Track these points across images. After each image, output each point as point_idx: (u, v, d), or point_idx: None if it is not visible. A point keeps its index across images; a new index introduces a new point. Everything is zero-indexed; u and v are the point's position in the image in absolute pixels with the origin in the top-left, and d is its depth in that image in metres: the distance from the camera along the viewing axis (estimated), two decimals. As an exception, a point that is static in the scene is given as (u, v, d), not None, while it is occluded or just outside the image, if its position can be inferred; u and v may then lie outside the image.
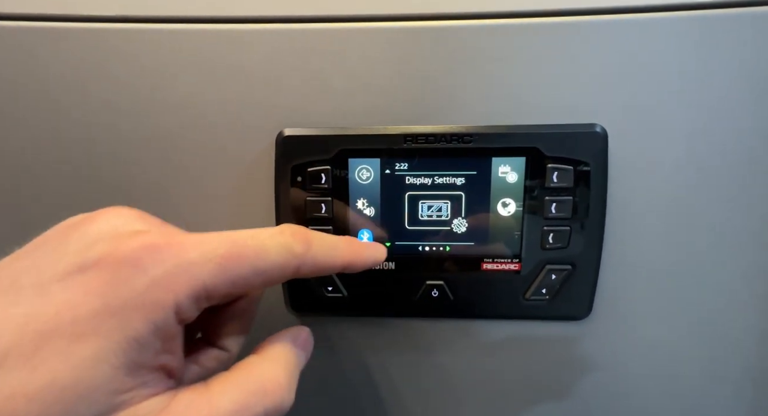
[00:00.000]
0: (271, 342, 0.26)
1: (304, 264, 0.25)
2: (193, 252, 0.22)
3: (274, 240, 0.24)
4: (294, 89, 0.32)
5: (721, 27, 0.30)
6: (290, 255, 0.24)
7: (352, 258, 0.27)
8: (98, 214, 0.24)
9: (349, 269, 0.27)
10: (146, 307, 0.21)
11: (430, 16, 0.31)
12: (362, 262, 0.28)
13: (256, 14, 0.31)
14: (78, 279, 0.21)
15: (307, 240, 0.25)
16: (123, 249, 0.21)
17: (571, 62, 0.31)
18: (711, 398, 0.36)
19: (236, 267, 0.22)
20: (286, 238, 0.24)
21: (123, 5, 0.31)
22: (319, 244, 0.25)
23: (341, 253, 0.26)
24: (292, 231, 0.25)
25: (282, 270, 0.24)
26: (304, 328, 0.28)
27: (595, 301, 0.34)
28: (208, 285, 0.22)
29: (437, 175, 0.32)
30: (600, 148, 0.31)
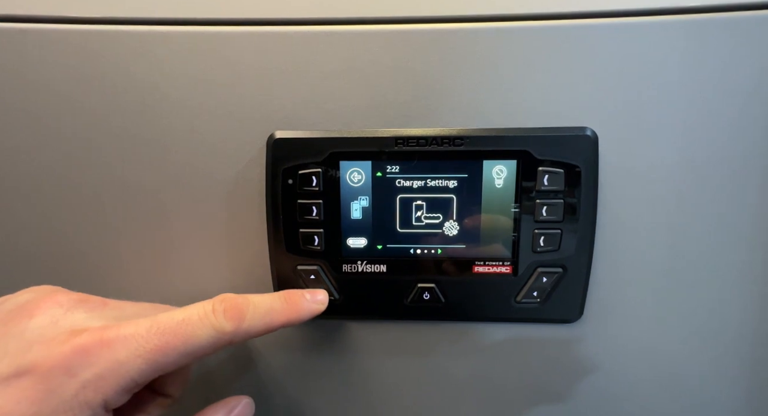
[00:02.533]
0: (206, 413, 0.29)
1: (236, 338, 0.27)
2: (123, 352, 0.24)
3: (203, 324, 0.26)
4: (285, 92, 0.32)
5: (711, 31, 0.30)
6: (220, 334, 0.26)
7: (289, 318, 0.29)
8: (39, 304, 0.26)
9: (288, 326, 0.29)
10: (75, 409, 0.23)
11: (422, 20, 0.31)
12: (300, 318, 0.30)
13: (247, 16, 0.31)
14: (13, 384, 0.23)
15: (240, 315, 0.27)
16: (56, 356, 0.23)
17: (561, 66, 0.31)
18: (704, 400, 0.36)
19: (164, 358, 0.25)
20: (217, 319, 0.26)
21: (114, 7, 0.31)
22: (252, 317, 0.27)
23: (277, 317, 0.28)
24: (224, 308, 0.26)
25: (212, 348, 0.26)
26: (243, 398, 0.31)
27: (586, 304, 0.34)
28: (136, 378, 0.24)
29: (429, 177, 0.32)
30: (590, 151, 0.31)
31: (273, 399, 0.38)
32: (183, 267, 0.35)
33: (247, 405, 0.30)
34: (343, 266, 0.34)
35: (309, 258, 0.34)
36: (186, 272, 0.35)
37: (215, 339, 0.26)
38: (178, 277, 0.35)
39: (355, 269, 0.34)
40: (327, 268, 0.34)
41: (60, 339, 0.24)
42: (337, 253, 0.33)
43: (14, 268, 0.35)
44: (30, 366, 0.23)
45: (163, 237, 0.35)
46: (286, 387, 0.38)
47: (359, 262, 0.34)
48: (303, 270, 0.34)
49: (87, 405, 0.23)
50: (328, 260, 0.34)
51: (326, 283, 0.34)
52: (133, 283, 0.35)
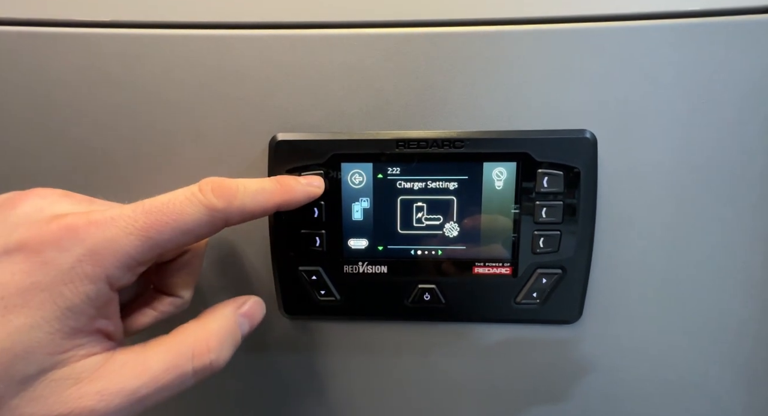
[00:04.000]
0: (213, 308, 0.28)
1: (231, 215, 0.26)
2: (112, 229, 0.23)
3: (191, 202, 0.25)
4: (287, 94, 0.32)
5: (708, 35, 0.30)
6: (212, 211, 0.25)
7: (283, 198, 0.28)
8: (23, 196, 0.25)
9: (284, 208, 0.29)
10: (76, 281, 0.23)
11: (423, 23, 0.31)
12: (295, 200, 0.29)
13: (250, 20, 0.32)
14: (4, 260, 0.22)
15: (229, 193, 0.26)
16: (43, 233, 0.23)
17: (561, 69, 0.31)
18: (703, 400, 0.36)
19: (158, 235, 0.24)
20: (206, 196, 0.25)
21: (119, 11, 0.32)
22: (243, 195, 0.26)
23: (270, 196, 0.28)
24: (212, 187, 0.26)
25: (209, 226, 0.25)
26: (253, 298, 0.30)
27: (585, 305, 0.34)
28: (134, 255, 0.24)
29: (429, 179, 0.32)
30: (590, 153, 0.31)
31: (274, 399, 0.38)
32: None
33: (257, 303, 0.30)
34: (345, 267, 0.34)
35: (310, 259, 0.34)
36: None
37: (208, 216, 0.25)
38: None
39: (356, 270, 0.34)
40: (328, 269, 0.34)
41: (46, 220, 0.23)
42: (339, 254, 0.34)
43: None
44: (18, 243, 0.23)
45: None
46: (288, 387, 0.38)
47: (360, 263, 0.34)
48: (305, 270, 0.34)
49: (88, 278, 0.23)
50: (330, 261, 0.34)
51: (327, 285, 0.34)
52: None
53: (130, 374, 0.24)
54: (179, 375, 0.24)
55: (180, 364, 0.24)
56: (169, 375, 0.24)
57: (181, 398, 0.38)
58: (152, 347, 0.25)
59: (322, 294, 0.34)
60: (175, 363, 0.24)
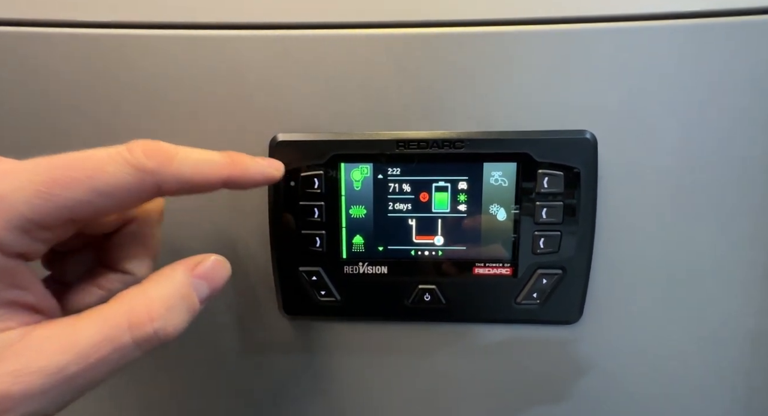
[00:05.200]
0: (161, 270, 0.25)
1: (164, 181, 0.23)
2: (4, 184, 0.20)
3: (114, 159, 0.22)
4: (288, 95, 0.32)
5: (708, 35, 0.30)
6: (139, 172, 0.22)
7: (231, 173, 0.25)
8: None
9: (231, 185, 0.25)
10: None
11: (423, 23, 0.31)
12: (247, 178, 0.26)
13: (250, 21, 0.32)
14: None
15: (164, 155, 0.23)
16: None
17: (561, 70, 0.31)
18: (704, 401, 0.36)
19: (65, 192, 0.21)
20: (133, 155, 0.22)
21: (119, 11, 0.32)
22: (183, 159, 0.23)
23: (216, 168, 0.24)
24: (144, 148, 0.23)
25: (136, 190, 0.22)
26: (212, 256, 0.26)
27: (585, 305, 0.34)
28: (29, 215, 0.20)
29: (429, 180, 0.32)
30: (590, 153, 0.31)
31: (274, 399, 0.38)
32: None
33: (216, 262, 0.25)
34: (345, 267, 0.34)
35: (311, 260, 0.34)
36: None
37: (134, 178, 0.22)
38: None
39: (357, 270, 0.34)
40: (328, 270, 0.34)
41: None
42: (339, 255, 0.34)
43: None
44: None
45: (165, 238, 0.35)
46: (288, 388, 0.38)
47: (360, 264, 0.34)
48: (305, 271, 0.34)
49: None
50: (330, 261, 0.34)
51: (328, 285, 0.34)
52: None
53: (53, 350, 0.20)
54: (116, 349, 0.21)
55: (114, 336, 0.21)
56: (102, 349, 0.21)
57: (180, 398, 0.39)
58: (83, 318, 0.22)
59: (322, 295, 0.34)
60: (109, 334, 0.21)
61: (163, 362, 0.37)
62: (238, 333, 0.37)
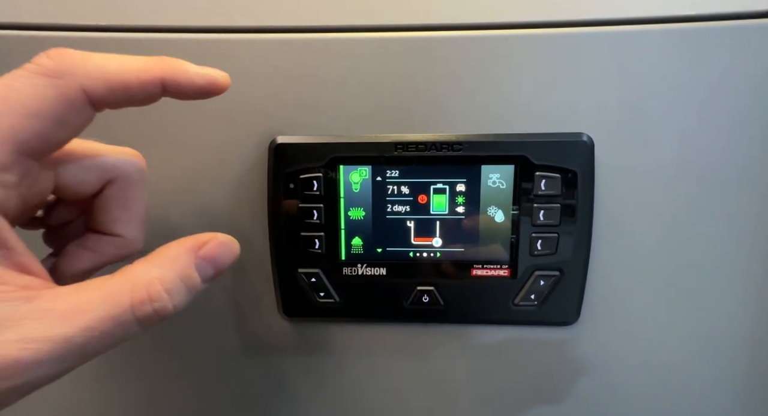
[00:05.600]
0: (165, 247, 0.24)
1: (87, 84, 0.21)
2: None
3: (19, 75, 0.21)
4: (287, 98, 0.32)
5: (705, 39, 0.30)
6: (50, 78, 0.21)
7: (166, 70, 0.23)
8: None
9: (171, 88, 0.23)
10: None
11: (422, 27, 0.31)
12: (186, 78, 0.23)
13: (250, 24, 0.32)
14: None
15: (74, 56, 0.21)
16: None
17: (558, 73, 0.31)
18: (702, 402, 0.36)
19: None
20: (35, 62, 0.21)
21: (120, 16, 0.32)
22: (103, 57, 0.22)
23: (147, 65, 0.23)
24: (48, 53, 0.21)
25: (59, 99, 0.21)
26: (218, 236, 0.25)
27: (583, 306, 0.34)
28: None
29: (427, 182, 0.33)
30: (587, 156, 0.32)
31: (273, 400, 0.38)
32: (185, 270, 0.35)
33: (222, 244, 0.25)
34: (344, 269, 0.34)
35: (310, 262, 0.34)
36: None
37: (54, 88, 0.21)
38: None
39: (355, 272, 0.34)
40: (327, 271, 0.34)
41: None
42: (338, 256, 0.34)
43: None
44: None
45: (165, 240, 0.35)
46: (287, 389, 0.38)
47: (359, 265, 0.34)
48: (304, 272, 0.34)
49: None
50: (329, 263, 0.34)
51: (327, 287, 0.34)
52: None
53: (59, 321, 0.20)
54: (118, 325, 0.21)
55: (118, 314, 0.21)
56: (105, 324, 0.21)
57: (180, 399, 0.39)
58: (86, 290, 0.21)
59: (321, 296, 0.35)
60: (112, 312, 0.21)
61: (163, 362, 0.38)
62: (237, 334, 0.37)
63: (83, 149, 0.26)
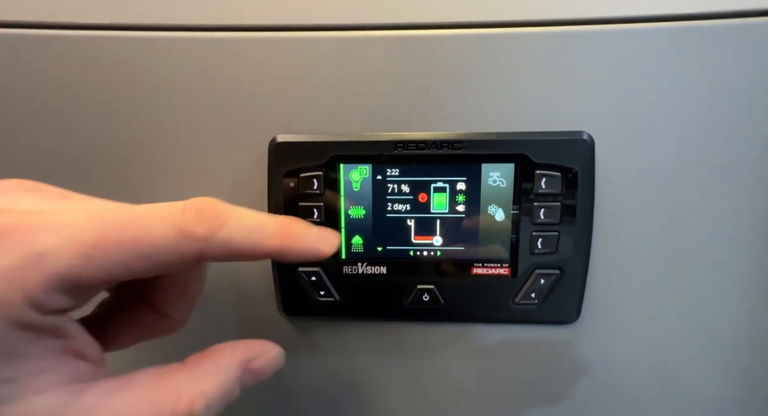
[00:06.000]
0: (215, 353, 0.24)
1: (210, 248, 0.21)
2: (48, 241, 0.19)
3: (164, 222, 0.20)
4: (287, 96, 0.32)
5: (706, 38, 0.30)
6: (187, 239, 0.20)
7: (284, 244, 0.22)
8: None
9: (282, 257, 0.23)
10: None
11: (422, 26, 0.31)
12: (299, 252, 0.23)
13: (250, 23, 0.32)
14: None
15: (216, 220, 0.21)
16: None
17: (559, 71, 0.31)
18: (701, 401, 0.36)
19: (107, 255, 0.19)
20: (184, 218, 0.21)
21: (119, 13, 0.32)
22: (234, 226, 0.21)
23: (269, 238, 0.22)
24: (197, 209, 0.21)
25: (178, 255, 0.21)
26: (271, 351, 0.25)
27: (583, 305, 0.34)
28: (68, 276, 0.19)
29: (428, 180, 0.33)
30: (587, 155, 0.32)
31: (273, 399, 0.38)
32: (186, 268, 0.36)
33: (273, 359, 0.25)
34: (344, 268, 0.34)
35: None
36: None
37: (178, 243, 0.20)
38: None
39: (356, 271, 0.34)
40: (328, 270, 0.34)
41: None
42: (338, 255, 0.34)
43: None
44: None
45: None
46: (287, 388, 0.38)
47: (359, 264, 0.34)
48: (304, 271, 0.34)
49: (5, 301, 0.18)
50: (329, 262, 0.34)
51: (327, 285, 0.34)
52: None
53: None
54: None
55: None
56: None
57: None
58: (132, 393, 0.21)
59: (321, 295, 0.35)
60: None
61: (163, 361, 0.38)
62: (237, 333, 0.37)
63: None
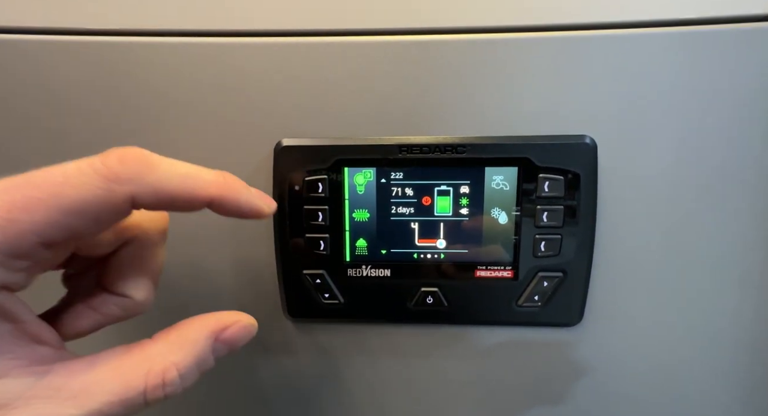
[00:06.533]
0: (186, 326, 0.23)
1: (140, 192, 0.20)
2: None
3: (84, 171, 0.20)
4: (292, 101, 0.33)
5: (706, 42, 0.31)
6: (111, 182, 0.20)
7: (222, 193, 0.22)
8: None
9: (216, 207, 0.23)
10: None
11: (426, 31, 0.32)
12: (237, 204, 0.23)
13: (255, 28, 0.32)
14: None
15: (145, 163, 0.20)
16: None
17: (561, 76, 0.32)
18: (704, 403, 0.36)
19: (26, 216, 0.19)
20: (106, 164, 0.20)
21: (122, 19, 0.32)
22: (169, 170, 0.21)
23: (205, 184, 0.22)
24: (120, 154, 0.20)
25: (109, 205, 0.20)
26: (241, 321, 0.24)
27: (586, 308, 0.35)
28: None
29: (431, 184, 0.33)
30: (590, 158, 0.32)
31: (277, 401, 0.38)
32: (190, 271, 0.36)
33: (244, 329, 0.24)
34: (348, 270, 0.34)
35: (314, 263, 0.34)
36: (192, 276, 0.36)
37: (104, 190, 0.19)
38: (185, 280, 0.36)
39: (360, 273, 0.34)
40: (332, 273, 0.34)
41: None
42: (342, 258, 0.34)
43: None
44: None
45: (170, 241, 0.35)
46: (291, 390, 0.38)
47: (364, 267, 0.34)
48: (309, 274, 0.34)
49: None
50: (334, 264, 0.34)
51: (331, 288, 0.35)
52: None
53: (68, 402, 0.20)
54: (128, 407, 0.21)
55: (129, 397, 0.21)
56: (115, 407, 0.20)
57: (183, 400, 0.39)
58: (100, 368, 0.21)
59: (326, 298, 0.35)
60: (124, 396, 0.21)
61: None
62: (242, 335, 0.37)
63: None
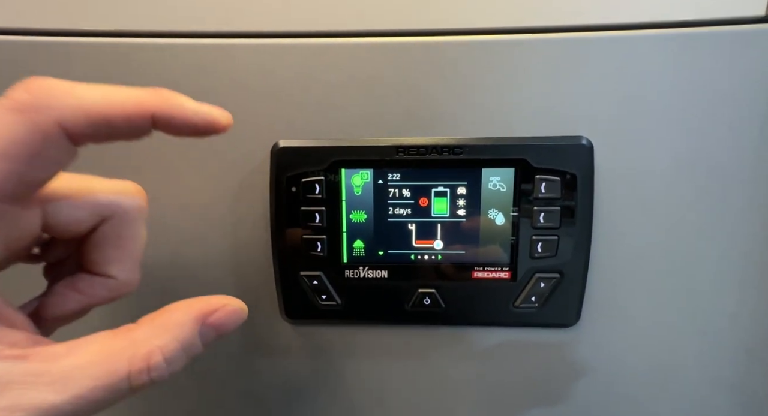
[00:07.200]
0: (171, 309, 0.23)
1: (66, 117, 0.19)
2: None
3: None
4: (289, 102, 0.33)
5: (702, 44, 0.31)
6: (25, 113, 0.19)
7: (160, 105, 0.21)
8: None
9: (162, 123, 0.21)
10: None
11: (422, 32, 0.32)
12: (180, 114, 0.21)
13: (253, 30, 0.32)
14: None
15: (56, 87, 0.19)
16: None
17: (558, 77, 0.32)
18: (702, 404, 0.36)
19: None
20: (13, 95, 0.19)
21: (122, 20, 0.32)
22: (87, 89, 0.20)
23: (138, 99, 0.21)
24: (25, 85, 0.19)
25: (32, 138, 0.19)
26: (229, 306, 0.23)
27: (583, 308, 0.35)
28: None
29: (428, 185, 0.33)
30: (586, 159, 0.32)
31: (275, 403, 0.38)
32: (188, 272, 0.36)
33: (232, 312, 0.23)
34: (345, 272, 0.34)
35: (312, 264, 0.34)
36: (190, 277, 0.36)
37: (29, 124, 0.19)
38: (181, 281, 0.36)
39: (357, 275, 0.34)
40: (329, 274, 0.34)
41: None
42: (340, 259, 0.34)
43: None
44: None
45: (166, 244, 0.35)
46: (289, 392, 0.38)
47: (361, 268, 0.34)
48: (306, 275, 0.34)
49: None
50: (331, 266, 0.34)
51: (329, 290, 0.35)
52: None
53: (50, 387, 0.19)
54: (112, 392, 0.20)
55: (112, 383, 0.20)
56: (98, 393, 0.20)
57: (182, 402, 0.39)
58: (83, 353, 0.20)
59: (323, 299, 0.35)
60: (107, 381, 0.20)
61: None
62: (239, 337, 0.37)
63: (74, 185, 0.24)
